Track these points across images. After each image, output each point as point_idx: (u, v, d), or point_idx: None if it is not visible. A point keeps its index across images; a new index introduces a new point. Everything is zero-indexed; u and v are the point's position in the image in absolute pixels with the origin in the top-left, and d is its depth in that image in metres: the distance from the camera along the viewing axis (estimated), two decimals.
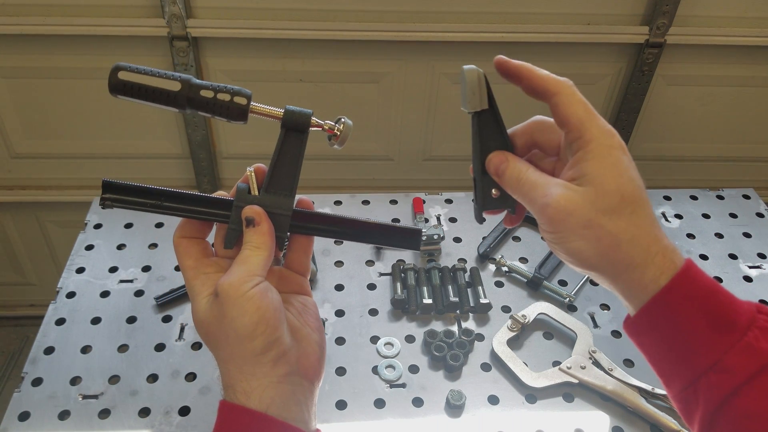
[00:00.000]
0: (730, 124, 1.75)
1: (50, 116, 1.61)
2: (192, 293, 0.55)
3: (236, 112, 0.54)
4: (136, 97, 0.53)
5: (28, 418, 0.91)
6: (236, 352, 0.52)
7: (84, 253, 1.16)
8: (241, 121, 0.55)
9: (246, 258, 0.53)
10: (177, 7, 1.41)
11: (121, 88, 0.53)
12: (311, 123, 0.56)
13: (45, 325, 1.04)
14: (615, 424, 0.93)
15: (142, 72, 0.53)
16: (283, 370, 0.52)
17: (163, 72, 0.53)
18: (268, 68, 1.55)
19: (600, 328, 1.06)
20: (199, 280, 0.55)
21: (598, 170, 0.50)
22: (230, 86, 0.54)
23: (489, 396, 0.96)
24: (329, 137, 0.57)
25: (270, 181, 0.57)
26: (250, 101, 0.54)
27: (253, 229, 0.55)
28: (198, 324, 0.54)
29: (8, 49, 1.48)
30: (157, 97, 0.53)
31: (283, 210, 0.57)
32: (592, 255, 0.51)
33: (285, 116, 0.55)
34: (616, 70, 1.62)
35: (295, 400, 0.53)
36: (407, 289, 1.10)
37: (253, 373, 0.52)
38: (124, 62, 0.53)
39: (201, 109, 0.54)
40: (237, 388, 0.52)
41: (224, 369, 0.53)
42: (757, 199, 1.34)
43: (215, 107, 0.54)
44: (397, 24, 1.48)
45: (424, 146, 1.74)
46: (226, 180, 1.77)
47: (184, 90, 0.53)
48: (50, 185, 1.75)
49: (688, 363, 0.50)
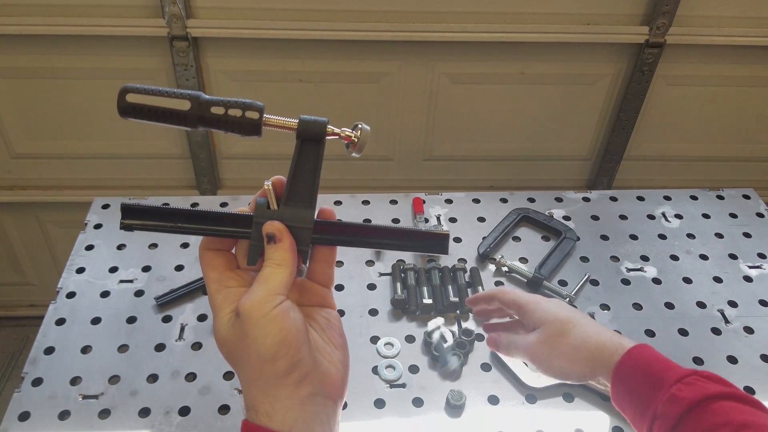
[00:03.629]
0: (730, 124, 1.75)
1: (50, 116, 1.61)
2: (214, 308, 0.54)
3: (249, 127, 0.53)
4: (146, 119, 0.52)
5: (28, 418, 0.91)
6: (258, 374, 0.51)
7: (84, 253, 1.16)
8: (254, 135, 0.53)
9: (267, 276, 0.52)
10: (177, 8, 1.41)
11: (131, 111, 0.52)
12: (327, 132, 0.54)
13: (45, 326, 1.04)
14: (615, 424, 0.93)
15: (150, 92, 0.52)
16: (306, 391, 0.52)
17: (171, 91, 0.52)
18: (268, 68, 1.56)
19: None
20: (222, 295, 0.54)
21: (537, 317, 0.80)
22: (241, 100, 0.53)
23: (489, 396, 0.96)
24: (346, 145, 0.56)
25: (289, 194, 0.55)
26: (262, 115, 0.53)
27: (274, 245, 0.53)
28: (219, 342, 0.54)
29: (8, 49, 1.49)
30: (168, 117, 0.52)
31: (304, 223, 0.55)
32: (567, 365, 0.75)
33: (300, 127, 0.54)
34: (616, 70, 1.62)
35: (318, 421, 0.52)
36: (407, 289, 1.10)
37: (275, 396, 0.51)
38: (131, 84, 0.52)
39: (213, 126, 0.53)
40: (259, 410, 0.51)
41: (246, 389, 0.52)
42: (757, 199, 1.34)
43: (227, 124, 0.53)
44: (397, 24, 1.48)
45: (424, 146, 1.74)
46: (226, 180, 1.77)
47: (194, 109, 0.52)
48: (50, 185, 1.75)
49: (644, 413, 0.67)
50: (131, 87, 0.52)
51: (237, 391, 0.95)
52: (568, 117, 1.70)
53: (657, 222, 1.28)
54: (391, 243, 0.59)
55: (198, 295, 1.09)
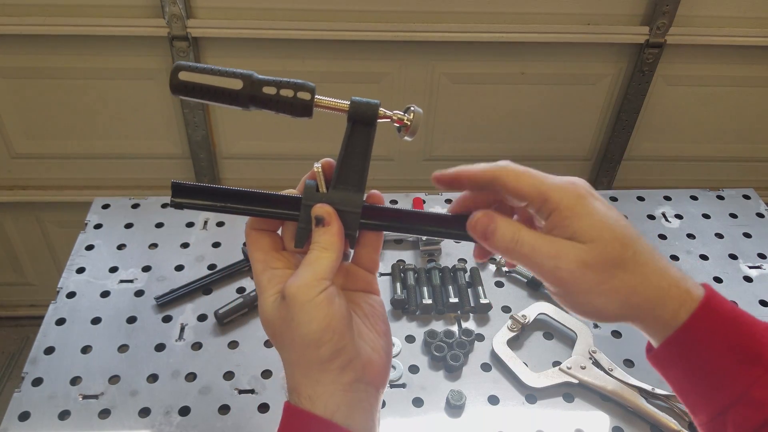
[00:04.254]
0: (731, 124, 1.75)
1: (50, 116, 1.61)
2: (259, 289, 0.53)
3: (300, 107, 0.52)
4: (197, 97, 0.52)
5: (28, 418, 0.91)
6: (302, 358, 0.50)
7: (84, 253, 1.16)
8: (305, 116, 0.53)
9: (314, 260, 0.51)
10: (177, 8, 1.41)
11: (182, 89, 0.51)
12: (379, 114, 0.53)
13: (45, 325, 1.03)
14: (615, 425, 0.93)
15: (203, 71, 0.51)
16: (349, 377, 0.51)
17: (224, 69, 0.51)
18: (268, 68, 1.55)
19: (600, 328, 1.06)
20: (266, 276, 0.53)
21: (584, 226, 0.50)
22: (293, 80, 0.52)
23: (489, 396, 0.96)
24: (398, 128, 0.55)
25: (338, 177, 0.54)
26: (314, 95, 0.52)
27: (322, 228, 0.53)
28: (264, 323, 0.53)
29: (8, 49, 1.48)
30: (219, 96, 0.51)
31: (353, 207, 0.54)
32: (614, 308, 0.51)
33: (351, 108, 0.53)
34: (616, 70, 1.62)
35: (361, 408, 0.52)
36: (407, 289, 1.10)
37: (318, 380, 0.50)
38: (184, 61, 0.52)
39: (264, 107, 0.52)
40: (302, 393, 0.51)
41: (289, 372, 0.52)
42: (757, 199, 1.34)
43: (278, 104, 0.52)
44: (397, 24, 1.48)
45: (424, 146, 1.74)
46: (226, 180, 1.77)
47: (246, 88, 0.51)
48: (50, 185, 1.75)
49: (715, 395, 0.50)
50: (184, 65, 0.51)
51: (237, 392, 0.95)
52: (568, 117, 1.70)
53: (657, 222, 1.28)
54: (439, 231, 0.57)
55: (198, 295, 1.09)
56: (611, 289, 0.50)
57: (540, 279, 0.52)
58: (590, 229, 0.50)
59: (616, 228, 0.50)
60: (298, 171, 0.55)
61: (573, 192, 0.51)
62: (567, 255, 0.49)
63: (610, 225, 0.50)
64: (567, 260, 0.49)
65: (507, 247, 0.51)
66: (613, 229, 0.50)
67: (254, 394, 0.95)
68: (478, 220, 0.53)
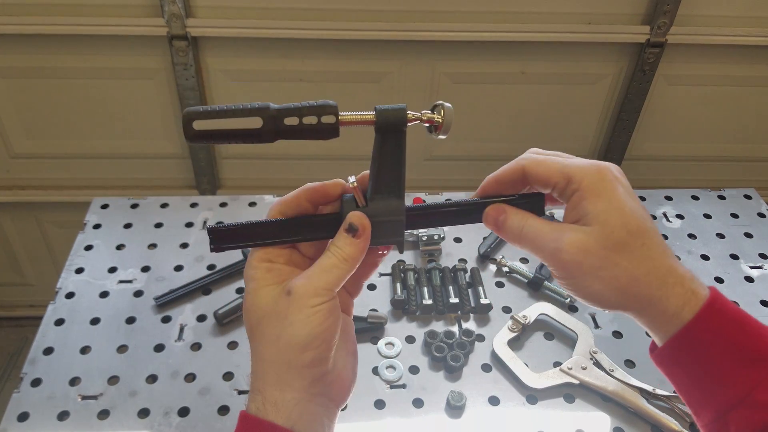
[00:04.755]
0: (732, 124, 1.75)
1: (49, 116, 1.61)
2: (255, 276, 0.52)
3: (327, 132, 0.50)
4: (218, 142, 0.49)
5: (27, 418, 0.91)
6: (281, 356, 0.50)
7: (83, 253, 1.16)
8: (333, 137, 0.51)
9: (331, 267, 0.51)
10: (176, 7, 1.40)
11: (200, 138, 0.49)
12: (408, 118, 0.51)
13: (44, 326, 1.03)
14: (616, 425, 0.92)
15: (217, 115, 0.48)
16: (317, 389, 0.51)
17: (238, 108, 0.48)
18: (268, 68, 1.55)
19: (601, 328, 1.06)
20: (266, 266, 0.52)
21: (597, 208, 0.50)
22: (313, 104, 0.49)
23: (489, 397, 0.96)
24: (429, 128, 0.53)
25: (375, 188, 0.53)
26: (338, 116, 0.50)
27: (351, 239, 0.52)
28: (253, 310, 0.52)
29: (7, 49, 1.48)
30: (241, 137, 0.49)
31: (397, 215, 0.54)
32: (612, 295, 0.51)
33: (378, 119, 0.51)
34: (617, 69, 1.62)
35: (320, 422, 0.52)
36: (407, 289, 1.09)
37: (289, 384, 0.50)
38: (193, 107, 0.48)
39: (289, 137, 0.50)
40: (267, 397, 0.50)
41: (260, 369, 0.51)
42: (759, 199, 1.34)
43: (303, 132, 0.49)
44: (397, 23, 1.48)
45: (424, 146, 1.73)
46: (225, 180, 1.77)
47: (267, 124, 0.48)
48: (49, 185, 1.75)
49: (717, 396, 0.50)
50: (194, 112, 0.48)
51: (237, 392, 0.95)
52: (568, 117, 1.70)
53: (658, 222, 1.27)
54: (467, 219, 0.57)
55: (197, 296, 1.09)
56: (611, 276, 0.50)
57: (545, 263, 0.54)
58: (601, 213, 0.50)
59: (629, 216, 0.50)
60: (297, 171, 0.55)
61: (596, 174, 0.51)
62: (569, 237, 0.51)
63: (624, 212, 0.50)
64: (568, 241, 0.50)
65: (516, 235, 0.55)
66: (625, 216, 0.50)
67: None
68: (489, 213, 0.56)
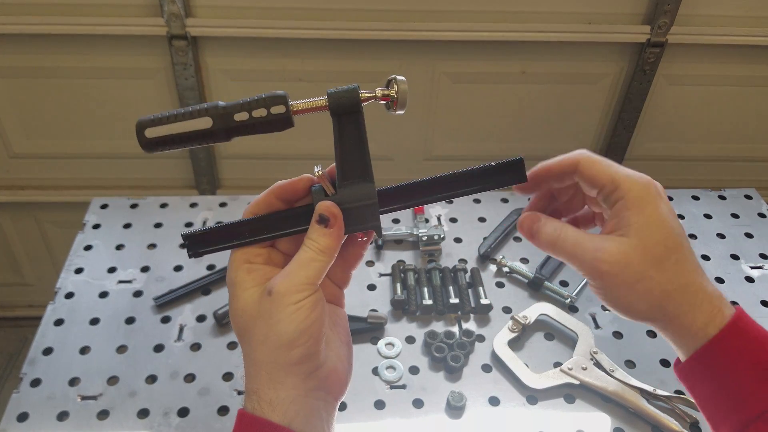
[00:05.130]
0: (732, 124, 1.74)
1: (49, 116, 1.61)
2: (235, 280, 0.52)
3: (279, 123, 0.49)
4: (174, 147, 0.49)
5: (26, 419, 0.91)
6: (271, 357, 0.50)
7: (82, 253, 1.16)
8: (288, 128, 0.50)
9: (308, 262, 0.50)
10: (176, 6, 1.40)
11: (155, 145, 0.48)
12: (362, 98, 0.50)
13: (43, 326, 1.03)
14: (616, 426, 0.92)
15: (167, 120, 0.48)
16: (312, 383, 0.51)
17: (187, 111, 0.48)
18: (268, 68, 1.55)
19: (601, 328, 1.06)
20: (245, 268, 0.52)
21: (640, 221, 0.51)
22: (261, 97, 0.49)
23: (490, 397, 0.96)
24: (386, 105, 0.52)
25: (342, 174, 0.52)
26: (288, 105, 0.49)
27: (324, 230, 0.51)
28: (239, 314, 0.51)
29: (6, 49, 1.48)
30: (195, 139, 0.49)
31: (368, 199, 0.52)
32: (643, 307, 0.52)
33: (331, 102, 0.50)
34: (617, 69, 1.61)
35: (318, 416, 0.52)
36: (407, 289, 1.09)
37: (282, 382, 0.50)
38: (145, 117, 0.48)
39: (243, 134, 0.49)
40: (262, 396, 0.50)
41: (253, 371, 0.51)
42: (759, 200, 1.34)
43: (255, 127, 0.49)
44: (397, 23, 1.47)
45: (424, 146, 1.73)
46: (225, 180, 1.77)
47: (218, 123, 0.48)
48: (49, 185, 1.75)
49: (737, 411, 0.51)
50: (145, 121, 0.48)
51: (236, 392, 0.95)
52: (569, 117, 1.69)
53: None
54: (464, 190, 0.56)
55: (197, 296, 1.09)
56: (645, 289, 0.51)
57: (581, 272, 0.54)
58: (644, 226, 0.51)
59: (668, 232, 0.52)
60: (297, 170, 0.54)
61: (644, 186, 0.52)
62: (610, 248, 0.52)
63: (665, 227, 0.52)
64: (609, 252, 0.51)
65: (551, 242, 0.55)
66: (665, 231, 0.52)
67: None
68: (524, 220, 0.57)
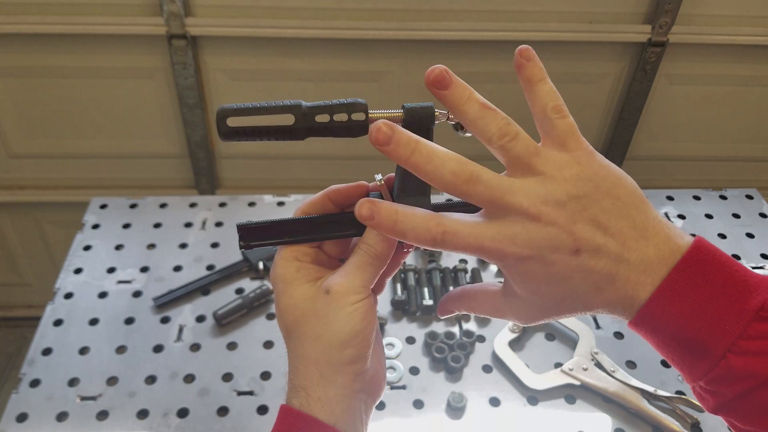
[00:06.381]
0: (734, 123, 1.74)
1: (48, 115, 1.60)
2: (286, 276, 0.52)
3: (357, 129, 0.51)
4: (250, 139, 0.50)
5: (26, 419, 0.90)
6: (323, 356, 0.50)
7: (82, 253, 1.15)
8: (362, 135, 0.51)
9: (365, 265, 0.51)
10: (176, 6, 1.40)
11: (233, 135, 0.49)
12: (436, 116, 0.53)
13: (42, 326, 1.03)
14: (617, 426, 0.92)
15: (250, 112, 0.49)
16: (358, 385, 0.52)
17: (270, 105, 0.49)
18: (268, 67, 1.55)
19: (602, 329, 1.06)
20: (294, 266, 0.53)
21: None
22: (343, 102, 0.51)
23: (490, 398, 0.95)
24: (455, 126, 0.54)
25: (402, 187, 0.53)
26: (368, 114, 0.51)
27: (381, 236, 0.51)
28: (290, 310, 0.52)
29: (5, 48, 1.48)
30: (273, 134, 0.50)
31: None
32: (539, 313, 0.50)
33: (406, 116, 0.52)
34: (618, 69, 1.61)
35: (359, 417, 0.52)
36: (407, 290, 1.09)
37: (332, 381, 0.50)
38: (226, 105, 0.49)
39: (320, 135, 0.51)
40: (311, 393, 0.50)
41: (302, 367, 0.51)
42: (761, 200, 1.33)
43: (333, 130, 0.50)
44: (397, 23, 1.47)
45: None
46: (224, 180, 1.77)
47: (299, 121, 0.50)
48: (48, 185, 1.74)
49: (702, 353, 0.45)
50: (228, 109, 0.49)
51: (236, 393, 0.95)
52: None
53: None
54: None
55: (197, 296, 1.09)
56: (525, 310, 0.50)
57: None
58: None
59: None
60: (297, 171, 0.54)
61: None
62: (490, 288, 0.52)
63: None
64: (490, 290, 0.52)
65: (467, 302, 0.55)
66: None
67: (253, 395, 0.94)
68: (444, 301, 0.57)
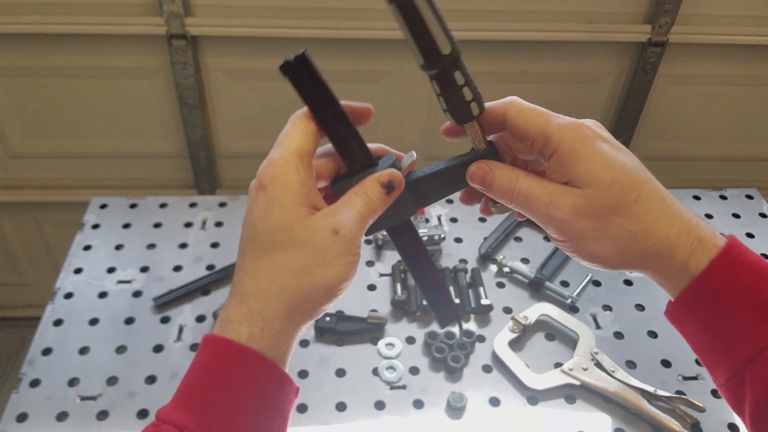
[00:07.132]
0: (734, 123, 1.74)
1: (48, 115, 1.60)
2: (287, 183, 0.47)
3: (462, 114, 0.50)
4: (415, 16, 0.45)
5: (26, 419, 0.90)
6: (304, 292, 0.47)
7: (82, 253, 1.15)
8: (457, 123, 0.51)
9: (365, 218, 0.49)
10: (175, 5, 1.40)
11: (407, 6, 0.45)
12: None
13: (42, 326, 1.03)
14: (617, 426, 0.92)
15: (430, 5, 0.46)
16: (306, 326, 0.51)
17: (446, 24, 0.46)
18: (268, 67, 1.54)
19: (602, 329, 1.06)
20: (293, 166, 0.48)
21: (582, 170, 0.47)
22: (477, 89, 0.50)
23: (490, 398, 0.95)
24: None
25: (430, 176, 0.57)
26: (482, 113, 0.50)
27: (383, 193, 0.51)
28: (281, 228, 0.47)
29: (5, 48, 1.48)
30: (423, 42, 0.46)
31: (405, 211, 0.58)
32: (612, 254, 0.49)
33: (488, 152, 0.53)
34: (618, 69, 1.61)
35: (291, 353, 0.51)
36: (407, 290, 1.09)
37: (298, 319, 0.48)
38: None
39: (440, 87, 0.49)
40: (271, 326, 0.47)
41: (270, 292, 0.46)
42: (761, 199, 1.33)
43: (453, 97, 0.49)
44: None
45: (424, 146, 1.73)
46: (224, 180, 1.76)
47: (450, 58, 0.47)
48: (48, 185, 1.74)
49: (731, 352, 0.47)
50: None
51: None
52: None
53: None
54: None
55: (196, 296, 1.09)
56: (607, 235, 0.48)
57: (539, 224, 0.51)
58: (588, 174, 0.47)
59: (619, 171, 0.48)
60: None
61: (576, 133, 0.49)
62: (560, 202, 0.48)
63: (613, 168, 0.48)
64: (559, 207, 0.48)
65: (505, 195, 0.51)
66: (614, 172, 0.48)
67: None
68: (475, 171, 0.52)
